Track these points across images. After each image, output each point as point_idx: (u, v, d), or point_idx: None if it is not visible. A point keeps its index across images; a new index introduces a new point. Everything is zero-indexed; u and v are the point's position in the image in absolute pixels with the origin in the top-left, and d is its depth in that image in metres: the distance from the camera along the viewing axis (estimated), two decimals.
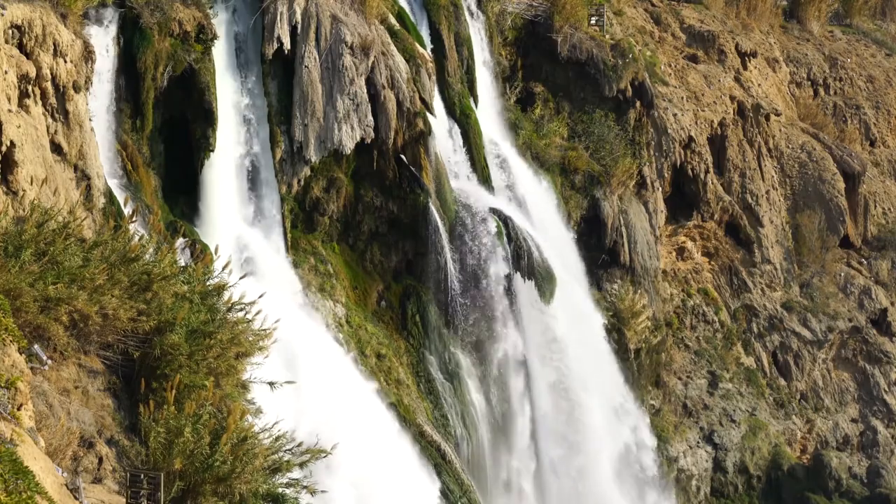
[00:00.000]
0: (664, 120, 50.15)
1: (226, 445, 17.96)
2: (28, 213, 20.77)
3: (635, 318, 46.29)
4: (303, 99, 35.91)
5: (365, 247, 38.68)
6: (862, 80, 64.39)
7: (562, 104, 47.78)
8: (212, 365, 19.87)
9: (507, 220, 40.15)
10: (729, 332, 52.38)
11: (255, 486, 18.42)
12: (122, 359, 20.07)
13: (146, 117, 32.61)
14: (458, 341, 39.13)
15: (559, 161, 45.81)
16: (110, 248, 20.30)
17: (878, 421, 53.86)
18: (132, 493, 17.02)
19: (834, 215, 56.47)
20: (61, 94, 27.69)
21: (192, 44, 33.44)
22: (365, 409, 33.93)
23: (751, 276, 53.59)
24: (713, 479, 48.95)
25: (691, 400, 49.46)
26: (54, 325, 18.67)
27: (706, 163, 51.90)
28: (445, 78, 41.50)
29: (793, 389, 52.86)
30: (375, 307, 38.66)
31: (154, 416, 18.19)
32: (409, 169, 38.13)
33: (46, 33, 26.87)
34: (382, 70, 37.13)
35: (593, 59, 47.19)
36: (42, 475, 14.36)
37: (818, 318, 54.15)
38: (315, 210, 37.37)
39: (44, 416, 17.62)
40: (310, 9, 36.27)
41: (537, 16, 47.46)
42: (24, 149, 24.77)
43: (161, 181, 33.48)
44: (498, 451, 39.86)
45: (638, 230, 47.24)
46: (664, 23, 56.94)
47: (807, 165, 57.22)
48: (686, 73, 54.05)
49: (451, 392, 38.62)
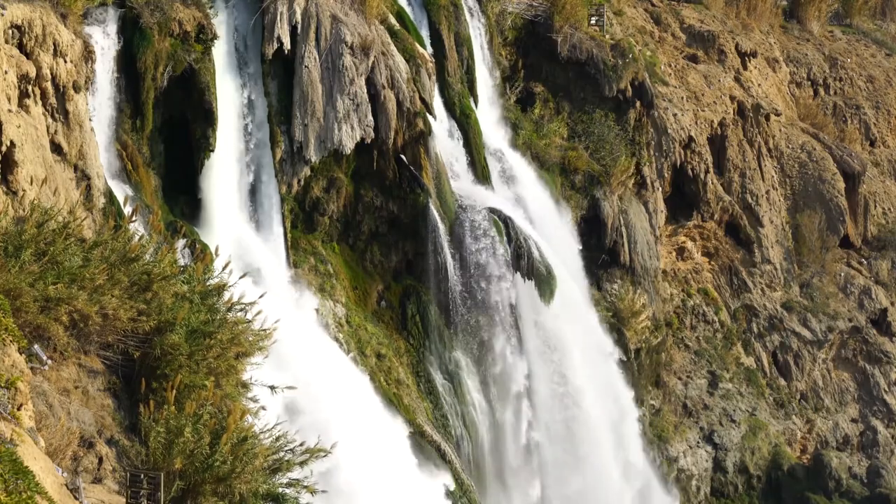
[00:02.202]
0: (664, 120, 50.14)
1: (226, 445, 17.96)
2: (28, 213, 20.76)
3: (635, 318, 46.30)
4: (303, 99, 35.91)
5: (365, 247, 38.68)
6: (862, 80, 64.39)
7: (562, 104, 47.78)
8: (212, 365, 19.87)
9: (507, 220, 40.14)
10: (729, 332, 52.38)
11: (255, 486, 18.42)
12: (122, 359, 20.07)
13: (146, 117, 32.60)
14: (458, 341, 39.11)
15: (559, 161, 45.81)
16: (110, 248, 20.29)
17: (878, 421, 53.86)
18: (132, 493, 17.02)
19: (834, 215, 56.47)
20: (61, 94, 27.68)
21: (192, 44, 33.43)
22: (364, 408, 33.94)
23: (751, 276, 53.58)
24: (713, 479, 48.95)
25: (691, 400, 49.46)
26: (54, 325, 18.66)
27: (706, 163, 51.89)
28: (445, 78, 41.50)
29: (793, 389, 52.86)
30: (375, 307, 38.66)
31: (154, 416, 18.19)
32: (409, 169, 38.12)
33: (46, 33, 26.86)
34: (382, 70, 37.13)
35: (593, 59, 47.19)
36: (42, 475, 14.35)
37: (818, 318, 54.15)
38: (315, 210, 37.37)
39: (44, 416, 17.61)
40: (310, 9, 36.27)
41: (537, 16, 47.46)
42: (24, 149, 24.77)
43: (161, 181, 33.47)
44: (498, 450, 39.85)
45: (638, 230, 47.24)
46: (664, 23, 56.94)
47: (807, 165, 57.22)
48: (686, 73, 54.05)
49: (451, 392, 38.61)
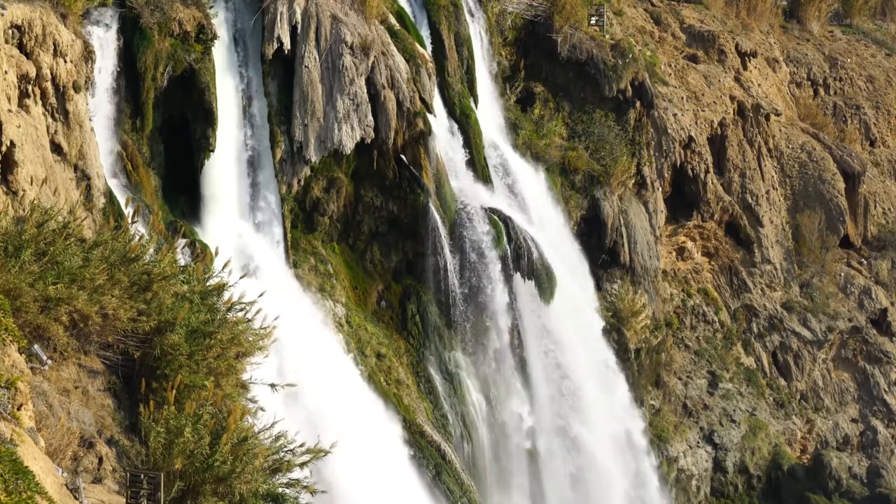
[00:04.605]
0: (664, 120, 50.14)
1: (226, 445, 17.97)
2: (28, 213, 20.77)
3: (635, 318, 46.29)
4: (303, 99, 35.91)
5: (365, 247, 38.68)
6: (862, 80, 64.38)
7: (562, 104, 47.78)
8: (212, 365, 19.88)
9: (507, 220, 40.16)
10: (729, 332, 52.37)
11: (255, 486, 18.42)
12: (122, 359, 20.08)
13: (146, 117, 32.60)
14: (458, 341, 39.11)
15: (559, 161, 45.82)
16: (110, 248, 20.30)
17: (878, 421, 53.86)
18: (132, 493, 17.03)
19: (834, 215, 56.46)
20: (61, 94, 27.68)
21: (192, 44, 33.43)
22: (363, 408, 33.94)
23: (751, 276, 53.58)
24: (713, 479, 48.94)
25: (691, 400, 49.45)
26: (54, 325, 18.67)
27: (706, 163, 51.89)
28: (445, 78, 41.49)
29: (793, 389, 52.85)
30: (375, 307, 38.65)
31: (154, 416, 18.19)
32: (409, 169, 38.12)
33: (46, 33, 26.87)
34: (382, 70, 37.12)
35: (593, 59, 47.19)
36: (42, 475, 14.36)
37: (818, 318, 54.14)
38: (315, 210, 37.37)
39: (44, 416, 17.62)
40: (310, 9, 36.27)
41: (537, 16, 47.45)
42: (24, 149, 24.77)
43: (161, 181, 33.48)
44: (498, 450, 39.85)
45: (638, 230, 47.23)
46: (664, 23, 56.93)
47: (807, 165, 57.22)
48: (686, 73, 54.04)
49: (450, 392, 38.61)
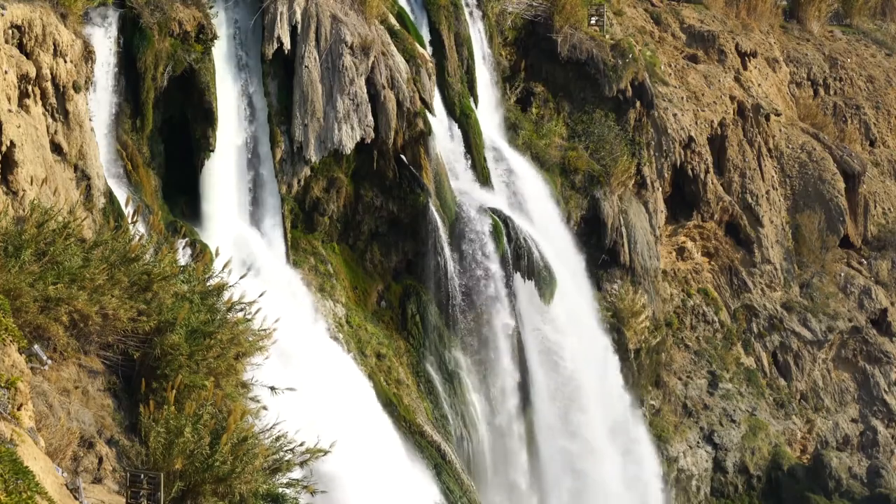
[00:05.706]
0: (664, 120, 50.13)
1: (226, 445, 17.97)
2: (28, 213, 20.78)
3: (635, 318, 46.29)
4: (303, 99, 35.91)
5: (365, 247, 38.68)
6: (862, 80, 64.36)
7: (562, 104, 47.78)
8: (212, 365, 19.89)
9: (507, 220, 40.16)
10: (729, 332, 52.37)
11: (255, 486, 18.43)
12: (122, 359, 20.09)
13: (146, 117, 32.60)
14: (458, 341, 39.11)
15: (559, 161, 45.81)
16: (110, 248, 20.32)
17: (878, 421, 53.85)
18: (132, 493, 17.03)
19: (834, 215, 56.46)
20: (61, 94, 27.69)
21: (192, 44, 33.43)
22: (363, 408, 33.93)
23: (751, 276, 53.58)
24: (713, 479, 48.94)
25: (691, 400, 49.45)
26: (54, 325, 18.68)
27: (706, 163, 51.88)
28: (445, 78, 41.48)
29: (793, 389, 52.85)
30: (375, 307, 38.65)
31: (154, 416, 18.20)
32: (409, 169, 38.12)
33: (46, 33, 26.87)
34: (382, 70, 37.12)
35: (593, 59, 47.19)
36: (42, 475, 14.36)
37: (818, 318, 54.14)
38: (315, 210, 37.37)
39: (44, 416, 17.62)
40: (310, 9, 36.27)
41: (537, 16, 47.45)
42: (24, 149, 24.77)
43: (161, 181, 33.47)
44: (497, 450, 39.84)
45: (638, 230, 47.23)
46: (664, 23, 56.93)
47: (807, 165, 57.21)
48: (686, 73, 54.04)
49: (450, 392, 38.61)
